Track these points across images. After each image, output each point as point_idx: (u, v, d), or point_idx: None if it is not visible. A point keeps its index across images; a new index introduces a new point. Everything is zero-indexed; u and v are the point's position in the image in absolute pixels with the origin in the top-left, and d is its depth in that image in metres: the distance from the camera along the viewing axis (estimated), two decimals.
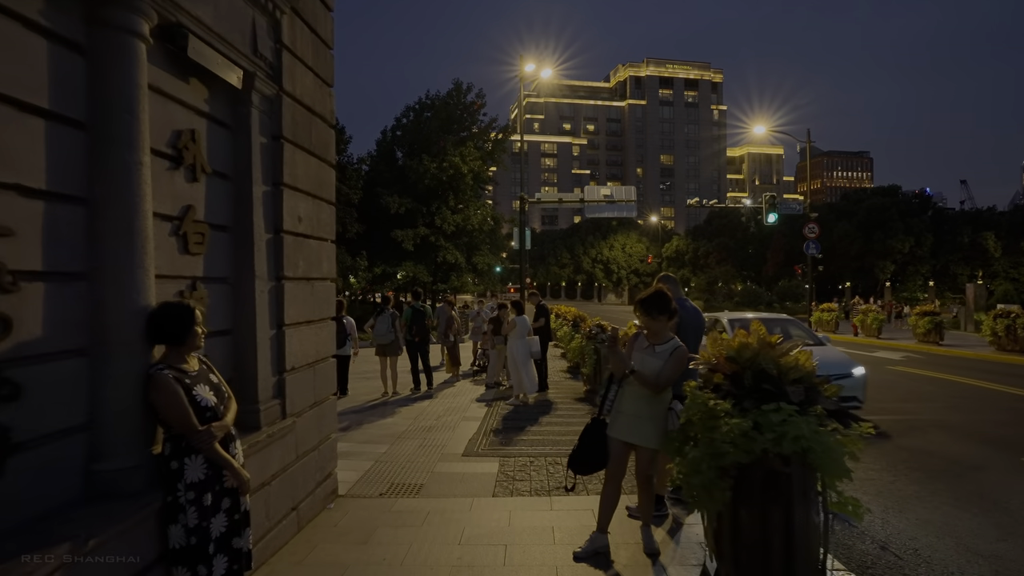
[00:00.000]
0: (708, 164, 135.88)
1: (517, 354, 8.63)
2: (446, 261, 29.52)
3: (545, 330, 9.77)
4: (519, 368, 8.63)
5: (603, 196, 26.20)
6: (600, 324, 9.08)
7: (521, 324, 8.87)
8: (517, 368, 8.66)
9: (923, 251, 52.96)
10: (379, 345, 9.99)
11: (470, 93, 31.37)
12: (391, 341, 9.93)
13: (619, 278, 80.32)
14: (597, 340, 8.71)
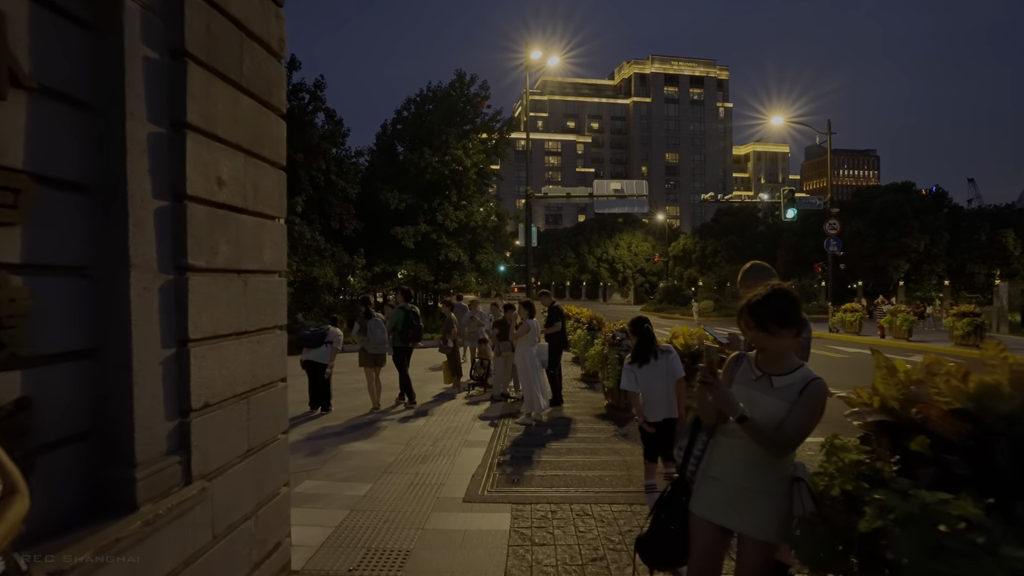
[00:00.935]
0: (714, 162, 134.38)
1: (528, 364, 7.32)
2: (448, 259, 28.20)
3: (560, 336, 8.49)
4: (530, 381, 7.31)
5: (613, 191, 24.87)
6: (624, 329, 7.75)
7: (532, 329, 7.65)
8: (528, 381, 7.35)
9: (939, 249, 51.44)
10: (370, 355, 8.67)
11: (473, 84, 30.03)
12: (385, 351, 8.65)
13: (625, 277, 78.92)
14: (622, 347, 7.39)
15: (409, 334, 8.82)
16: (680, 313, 44.35)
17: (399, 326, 8.79)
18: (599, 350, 8.17)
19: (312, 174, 22.25)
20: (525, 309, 7.93)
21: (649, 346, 4.44)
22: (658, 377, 4.30)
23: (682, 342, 6.17)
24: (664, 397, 4.27)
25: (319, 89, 23.04)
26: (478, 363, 10.03)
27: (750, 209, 70.70)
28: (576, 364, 13.62)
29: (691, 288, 62.40)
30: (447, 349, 10.22)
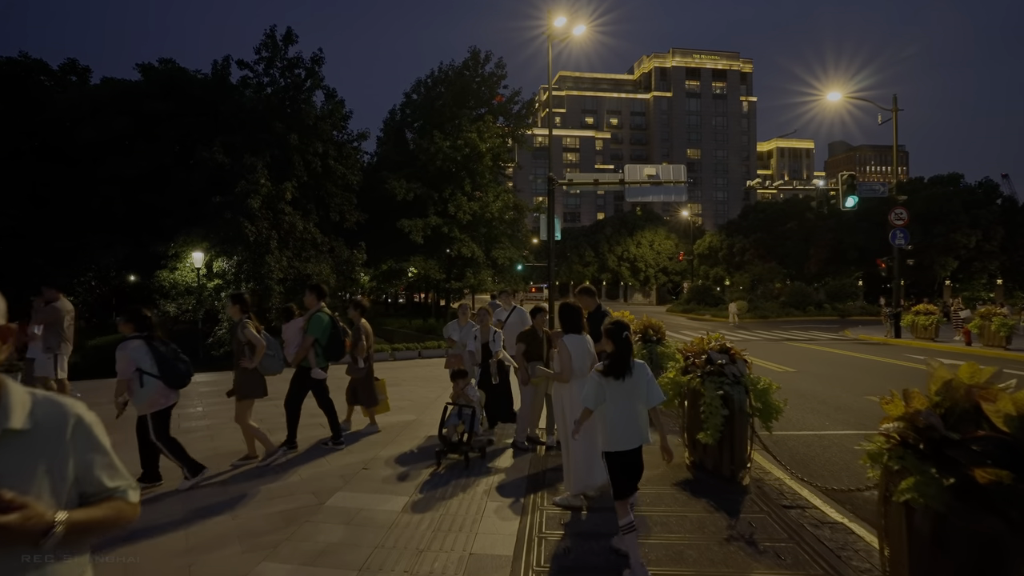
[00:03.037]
0: (736, 158, 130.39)
1: (572, 412, 4.28)
2: (461, 255, 25.54)
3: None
4: (583, 443, 4.22)
5: (647, 176, 21.96)
6: (726, 347, 4.98)
7: (578, 351, 4.40)
8: (580, 442, 4.23)
9: (992, 246, 47.61)
10: (249, 382, 5.75)
11: (489, 63, 27.36)
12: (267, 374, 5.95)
13: (647, 277, 75.72)
14: (728, 378, 4.63)
15: (338, 348, 6.31)
16: (711, 314, 41.21)
17: (324, 338, 6.18)
18: (677, 381, 5.39)
19: (307, 158, 19.76)
20: (566, 319, 4.56)
21: (627, 358, 3.67)
22: (632, 397, 3.66)
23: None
24: (637, 422, 3.64)
25: (316, 64, 20.56)
26: (453, 412, 5.89)
27: (779, 206, 67.33)
28: None
29: (718, 288, 59.16)
30: (357, 371, 7.08)
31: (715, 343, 5.06)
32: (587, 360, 4.41)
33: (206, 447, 6.41)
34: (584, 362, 4.38)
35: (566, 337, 4.40)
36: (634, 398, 3.63)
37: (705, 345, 5.12)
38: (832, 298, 44.07)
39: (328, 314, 6.30)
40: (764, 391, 4.67)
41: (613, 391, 3.61)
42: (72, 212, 19.99)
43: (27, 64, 23.59)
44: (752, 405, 4.66)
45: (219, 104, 19.89)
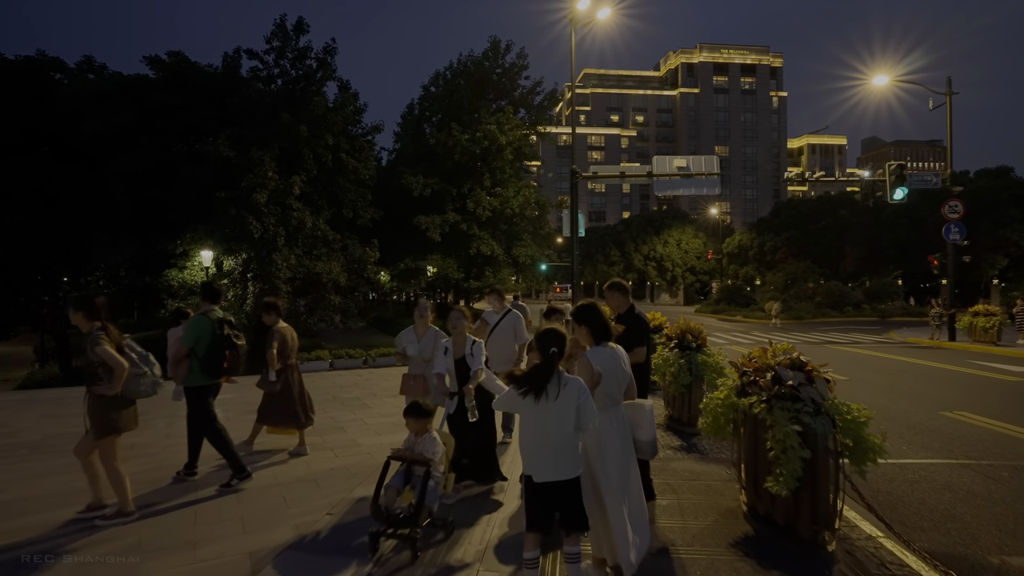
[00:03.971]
0: (766, 154, 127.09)
1: (603, 457, 3.11)
2: (480, 253, 24.46)
3: (643, 372, 4.42)
4: (612, 488, 3.04)
5: (676, 168, 20.60)
6: (801, 361, 3.76)
7: (608, 370, 3.16)
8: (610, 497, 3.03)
9: None
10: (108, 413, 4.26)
11: (509, 53, 26.25)
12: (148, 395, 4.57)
13: (674, 276, 73.72)
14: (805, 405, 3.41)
15: (219, 361, 5.07)
16: (742, 315, 39.44)
17: (201, 347, 5.00)
18: (731, 403, 4.15)
19: (318, 152, 18.87)
20: (585, 325, 3.28)
21: (547, 377, 2.83)
22: (552, 423, 2.85)
23: None
24: (553, 453, 2.87)
25: (329, 55, 19.64)
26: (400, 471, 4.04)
27: (811, 202, 64.88)
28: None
29: (748, 288, 57.13)
30: (268, 384, 5.92)
31: (783, 355, 3.83)
32: (620, 381, 3.23)
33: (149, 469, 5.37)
34: (615, 385, 3.20)
35: (591, 351, 3.22)
36: (555, 425, 2.86)
37: (770, 358, 3.90)
38: (871, 298, 41.84)
39: (212, 319, 5.09)
40: (856, 423, 3.44)
41: (527, 411, 2.93)
42: (78, 209, 19.46)
43: (44, 62, 23.26)
44: (840, 441, 3.44)
45: (227, 96, 19.14)
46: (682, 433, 6.68)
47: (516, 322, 6.19)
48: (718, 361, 6.64)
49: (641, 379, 4.49)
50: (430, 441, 3.93)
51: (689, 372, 6.55)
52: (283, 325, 6.07)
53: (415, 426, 3.98)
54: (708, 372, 6.49)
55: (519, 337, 6.14)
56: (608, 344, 3.24)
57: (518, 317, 6.22)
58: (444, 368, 4.67)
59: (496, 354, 5.93)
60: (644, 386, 4.60)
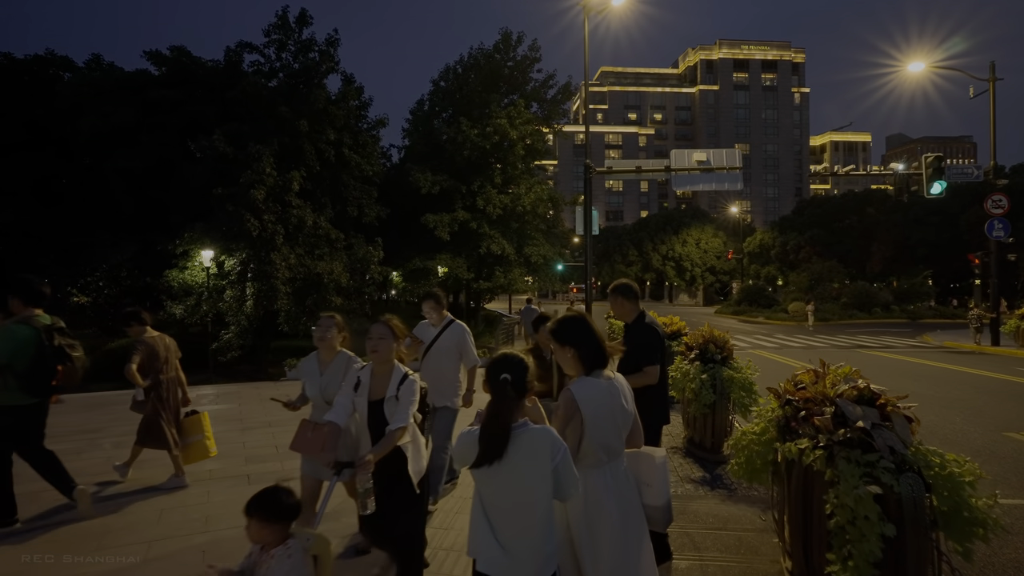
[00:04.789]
0: (788, 152, 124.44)
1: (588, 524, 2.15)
2: (490, 252, 23.55)
3: (657, 396, 3.58)
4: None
5: (696, 162, 19.49)
6: (874, 392, 2.77)
7: (596, 409, 2.19)
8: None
9: None
10: None
11: (521, 45, 25.31)
12: None
13: (693, 277, 72.12)
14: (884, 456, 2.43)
15: (45, 377, 4.20)
16: (764, 316, 38.02)
17: (22, 362, 4.11)
18: (769, 442, 3.19)
19: (320, 147, 18.13)
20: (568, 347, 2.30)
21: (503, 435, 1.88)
22: (507, 490, 1.94)
23: None
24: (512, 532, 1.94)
25: (332, 46, 18.91)
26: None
27: (836, 200, 62.97)
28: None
29: (770, 288, 55.53)
30: (138, 405, 5.10)
31: (845, 383, 2.86)
32: (619, 426, 2.27)
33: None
34: (612, 432, 2.24)
35: (577, 384, 2.24)
36: (509, 496, 1.94)
37: (827, 387, 2.92)
38: (900, 299, 40.11)
39: (36, 326, 4.23)
40: (954, 480, 2.46)
41: (482, 476, 1.96)
42: (78, 208, 18.98)
43: (53, 61, 22.93)
44: (934, 507, 2.47)
45: (226, 92, 18.50)
46: (704, 461, 5.69)
47: (460, 339, 4.64)
48: (747, 377, 5.65)
49: (655, 406, 3.55)
50: (284, 561, 2.11)
51: (713, 390, 5.56)
52: (152, 335, 5.20)
53: (261, 533, 2.14)
54: (735, 390, 5.50)
55: (466, 358, 4.67)
56: (604, 373, 2.30)
57: (462, 332, 4.66)
58: (344, 415, 2.97)
59: (432, 383, 4.43)
60: (661, 412, 3.65)
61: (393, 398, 2.91)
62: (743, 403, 5.47)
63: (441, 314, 4.77)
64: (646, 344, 3.53)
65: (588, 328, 2.29)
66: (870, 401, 2.70)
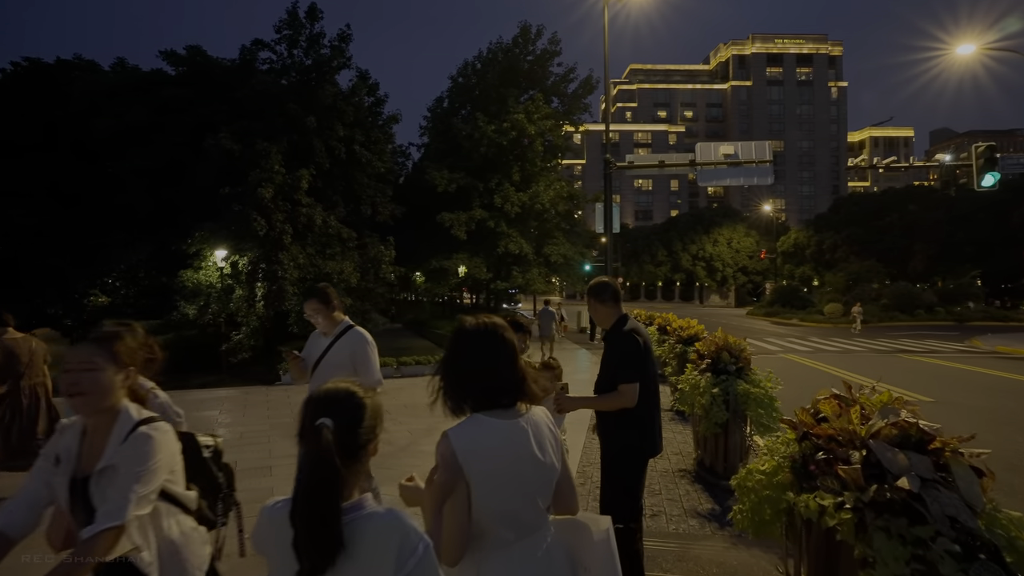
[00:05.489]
0: (824, 149, 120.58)
1: None
2: (508, 252, 22.87)
3: (645, 415, 2.80)
4: None
5: (723, 156, 18.49)
6: (922, 428, 1.96)
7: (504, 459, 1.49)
8: None
9: None
10: None
11: (541, 39, 24.59)
12: None
13: (724, 277, 70.21)
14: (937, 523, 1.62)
15: None
16: (799, 318, 36.43)
17: None
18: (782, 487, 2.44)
19: (330, 144, 17.72)
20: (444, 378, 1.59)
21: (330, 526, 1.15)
22: None
23: None
24: None
25: (343, 41, 18.51)
26: None
27: (875, 197, 60.44)
28: (677, 417, 7.86)
29: (805, 289, 53.53)
30: None
31: (883, 416, 2.07)
32: (524, 483, 1.50)
33: None
34: (518, 495, 1.49)
35: (461, 428, 1.50)
36: None
37: (854, 421, 2.13)
38: (945, 300, 37.94)
39: None
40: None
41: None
42: (93, 209, 18.99)
43: (79, 65, 23.16)
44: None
45: (237, 90, 18.27)
46: (715, 489, 4.89)
47: (356, 350, 3.47)
48: (767, 390, 4.82)
49: (638, 434, 2.81)
50: None
51: (725, 406, 4.76)
52: (15, 336, 4.63)
53: None
54: (752, 407, 4.69)
55: (363, 376, 3.43)
56: (517, 408, 1.57)
57: (360, 341, 3.50)
58: (22, 513, 1.70)
59: None
60: (647, 441, 2.90)
61: (109, 469, 1.61)
62: (762, 423, 4.66)
63: (332, 318, 3.54)
64: (623, 355, 2.79)
65: (480, 342, 1.57)
66: (919, 445, 1.92)
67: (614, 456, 2.84)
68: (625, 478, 2.83)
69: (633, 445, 2.84)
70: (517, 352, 1.61)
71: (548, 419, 1.63)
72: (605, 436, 2.90)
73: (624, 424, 2.78)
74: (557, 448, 1.60)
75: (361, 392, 1.30)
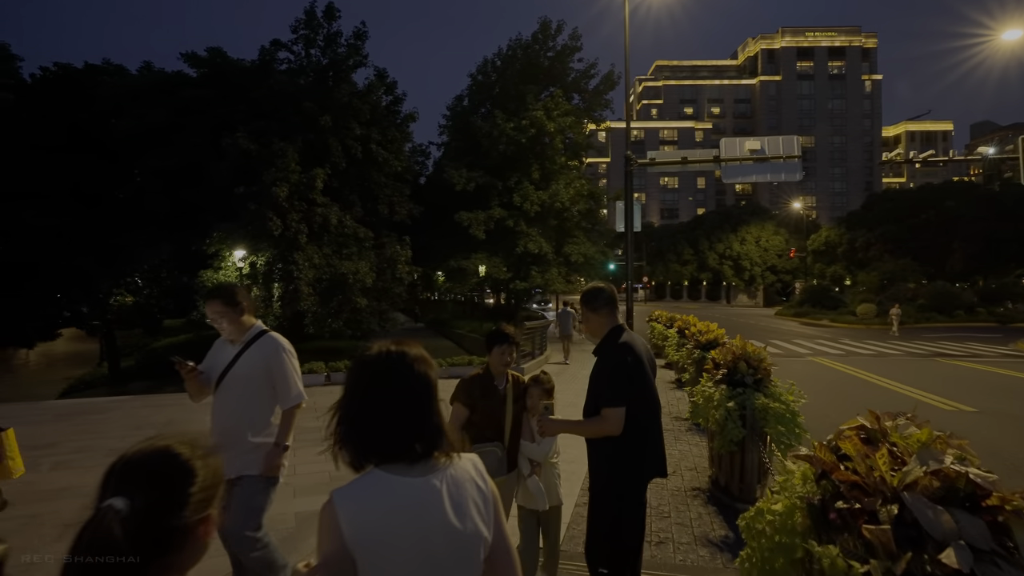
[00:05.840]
0: (856, 144, 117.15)
1: None
2: (528, 251, 22.51)
3: (634, 443, 2.38)
4: None
5: (748, 151, 17.80)
6: (974, 484, 1.54)
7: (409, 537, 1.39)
8: None
9: None
10: None
11: (561, 34, 24.15)
12: None
13: (752, 276, 68.66)
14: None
15: None
16: (829, 319, 35.27)
17: None
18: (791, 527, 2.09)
19: (347, 143, 17.59)
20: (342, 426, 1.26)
21: None
22: None
23: None
24: None
25: (359, 39, 18.38)
26: None
27: (911, 194, 58.32)
28: (694, 428, 7.41)
29: (836, 288, 51.96)
30: None
31: (922, 464, 1.66)
32: (435, 562, 1.15)
33: None
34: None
35: (343, 490, 1.16)
36: None
37: (883, 466, 1.73)
38: (986, 300, 36.32)
39: None
40: None
41: None
42: (114, 208, 19.21)
43: (108, 70, 23.50)
44: None
45: (254, 90, 18.27)
46: (730, 512, 4.46)
47: (272, 359, 2.93)
48: (788, 404, 4.38)
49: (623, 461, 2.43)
50: None
51: (742, 422, 4.33)
52: None
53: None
54: (772, 423, 4.25)
55: (280, 391, 2.96)
56: (433, 461, 1.22)
57: (274, 349, 2.95)
58: None
59: (226, 435, 2.79)
60: (636, 476, 2.51)
61: None
62: (782, 441, 4.22)
63: (240, 322, 2.93)
64: (609, 374, 2.41)
65: (387, 378, 1.22)
66: (970, 501, 1.52)
67: (598, 492, 2.46)
68: (610, 518, 2.44)
69: (622, 479, 2.45)
70: (434, 389, 1.26)
71: (476, 473, 1.28)
72: (591, 467, 2.53)
73: (612, 455, 2.40)
74: (487, 510, 1.24)
75: (188, 452, 0.95)
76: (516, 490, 3.15)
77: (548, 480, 3.05)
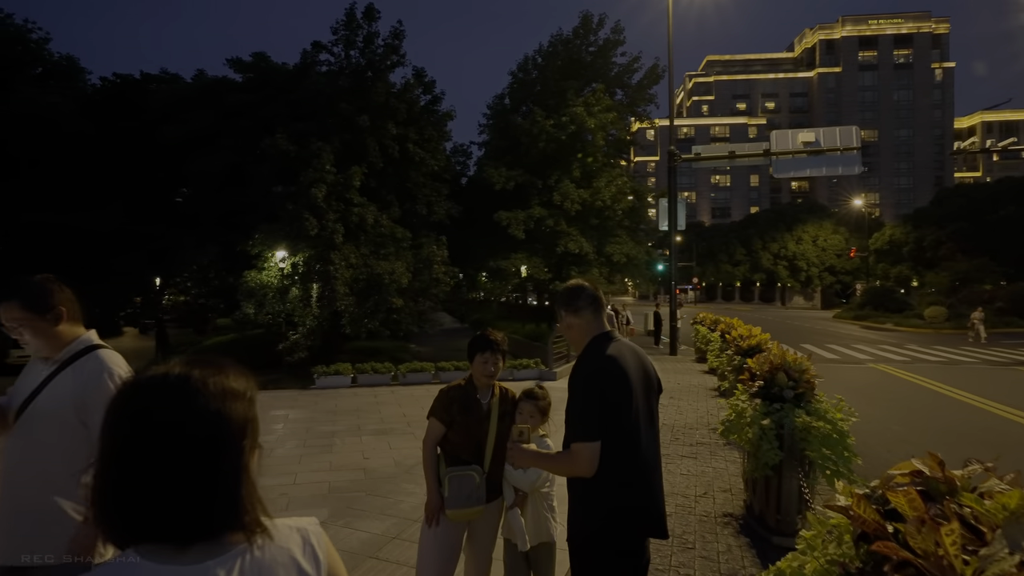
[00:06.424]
0: (925, 137, 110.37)
1: None
2: (568, 251, 21.96)
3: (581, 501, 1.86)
4: None
5: (802, 144, 16.76)
6: None
7: None
8: None
9: None
10: None
11: (603, 28, 23.49)
12: None
13: (808, 277, 65.62)
14: None
15: None
16: (893, 323, 33.14)
17: None
18: None
19: (384, 143, 17.53)
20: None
21: None
22: None
23: None
24: None
25: (397, 38, 18.30)
26: None
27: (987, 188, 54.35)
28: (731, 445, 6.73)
29: (902, 290, 48.92)
30: None
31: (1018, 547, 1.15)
32: None
33: None
34: None
35: None
36: None
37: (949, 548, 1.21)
38: None
39: None
40: None
41: None
42: (163, 210, 19.83)
43: (165, 79, 24.42)
44: None
45: (293, 92, 18.47)
46: (764, 546, 3.87)
47: (89, 390, 1.92)
48: (836, 422, 3.76)
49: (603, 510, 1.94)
50: None
51: (779, 443, 3.75)
52: None
53: None
54: (815, 445, 3.65)
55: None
56: (227, 540, 0.81)
57: (99, 375, 1.95)
58: None
59: (19, 498, 1.90)
60: (624, 529, 1.98)
61: None
62: (828, 466, 3.61)
63: (53, 335, 2.00)
64: (581, 396, 1.92)
65: (145, 425, 0.80)
66: None
67: (577, 548, 1.95)
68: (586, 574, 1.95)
69: (597, 533, 1.92)
70: (234, 438, 0.83)
71: (305, 553, 0.86)
72: (569, 515, 2.00)
73: (583, 496, 1.92)
74: None
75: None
76: (501, 521, 2.73)
77: (536, 513, 2.60)
